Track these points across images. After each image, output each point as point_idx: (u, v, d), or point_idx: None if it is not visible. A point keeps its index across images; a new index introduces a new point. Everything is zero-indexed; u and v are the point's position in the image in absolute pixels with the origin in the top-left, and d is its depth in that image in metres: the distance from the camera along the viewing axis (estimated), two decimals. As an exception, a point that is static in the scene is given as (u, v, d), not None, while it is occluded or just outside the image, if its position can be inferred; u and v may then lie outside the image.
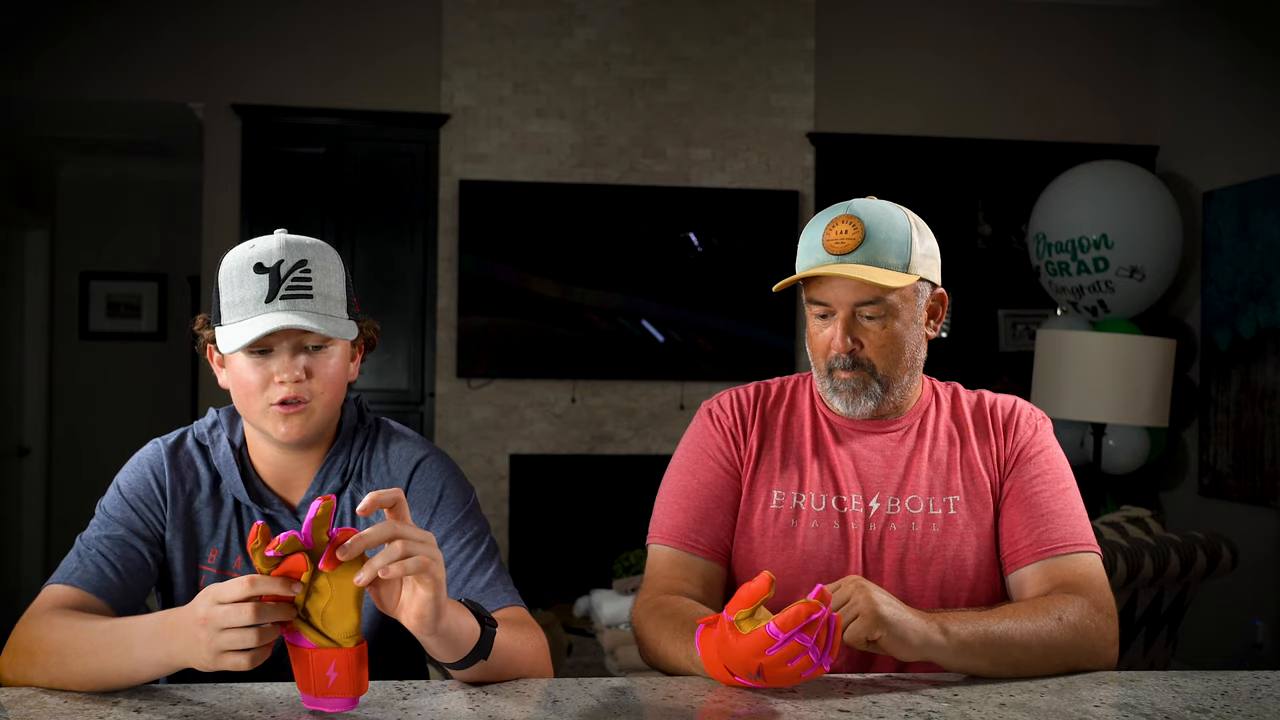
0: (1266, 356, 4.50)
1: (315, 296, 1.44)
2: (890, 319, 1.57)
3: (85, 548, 1.46)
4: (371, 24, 4.89)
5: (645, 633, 1.56)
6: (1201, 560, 3.00)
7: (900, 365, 1.60)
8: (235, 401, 1.50)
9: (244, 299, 1.43)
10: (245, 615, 1.13)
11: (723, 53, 5.06)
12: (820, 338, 1.61)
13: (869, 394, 1.59)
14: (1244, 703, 1.34)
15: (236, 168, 4.80)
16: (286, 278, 1.43)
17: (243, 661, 1.16)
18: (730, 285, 4.97)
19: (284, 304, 1.42)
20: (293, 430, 1.46)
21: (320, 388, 1.47)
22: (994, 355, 5.17)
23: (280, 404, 1.45)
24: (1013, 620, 1.42)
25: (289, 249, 1.45)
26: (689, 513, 1.63)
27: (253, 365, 1.45)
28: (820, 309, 1.59)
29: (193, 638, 1.18)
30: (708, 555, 1.62)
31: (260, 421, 1.47)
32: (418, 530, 1.19)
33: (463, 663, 1.29)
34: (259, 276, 1.43)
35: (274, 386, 1.45)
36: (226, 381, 1.51)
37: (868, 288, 1.54)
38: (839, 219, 1.56)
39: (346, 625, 1.17)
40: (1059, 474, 1.62)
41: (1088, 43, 5.27)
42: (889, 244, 1.54)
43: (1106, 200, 4.62)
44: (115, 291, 6.24)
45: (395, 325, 4.84)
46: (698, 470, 1.66)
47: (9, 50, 4.68)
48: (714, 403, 1.71)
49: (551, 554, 4.94)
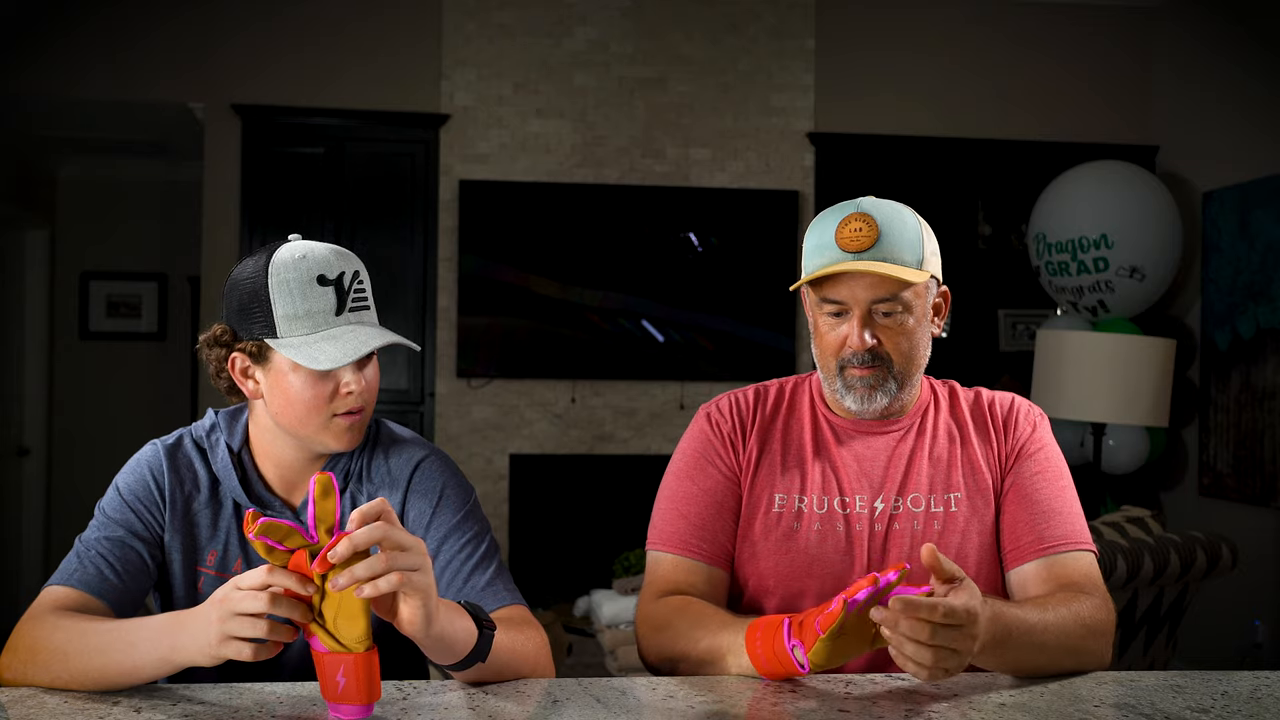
0: (1266, 356, 4.50)
1: (370, 307, 1.48)
2: (906, 315, 1.56)
3: (84, 549, 1.46)
4: (371, 24, 4.90)
5: (651, 630, 1.55)
6: (1201, 560, 3.00)
7: (915, 362, 1.60)
8: (285, 416, 1.47)
9: (310, 311, 1.42)
10: (260, 602, 1.14)
11: (723, 53, 5.06)
12: (832, 336, 1.59)
13: (884, 390, 1.58)
14: (1244, 703, 1.34)
15: (236, 168, 4.80)
16: (350, 290, 1.45)
17: (245, 651, 1.16)
18: (730, 285, 4.97)
19: (354, 317, 1.45)
20: (354, 439, 1.50)
21: (373, 396, 1.51)
22: (994, 355, 5.17)
23: (345, 415, 1.47)
24: (1038, 619, 1.41)
25: (343, 259, 1.46)
26: (689, 519, 1.62)
27: (318, 379, 1.44)
28: (834, 307, 1.57)
29: (204, 622, 1.18)
30: (710, 561, 1.61)
31: (318, 434, 1.47)
32: (406, 535, 1.17)
33: (460, 665, 1.29)
34: (324, 289, 1.43)
35: (339, 399, 1.46)
36: (255, 393, 1.49)
37: (886, 285, 1.53)
38: (851, 216, 1.55)
39: (355, 631, 1.16)
40: (1058, 471, 1.63)
41: (1088, 43, 5.27)
42: (903, 241, 1.54)
43: (1106, 200, 4.62)
44: (115, 291, 6.24)
45: (395, 325, 4.84)
46: (697, 476, 1.65)
47: (9, 50, 4.68)
48: (712, 407, 1.70)
49: (551, 554, 4.94)
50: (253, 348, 1.46)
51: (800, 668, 1.33)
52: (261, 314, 1.43)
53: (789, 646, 1.33)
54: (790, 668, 1.34)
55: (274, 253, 1.45)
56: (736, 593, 1.64)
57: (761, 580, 1.61)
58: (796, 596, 1.58)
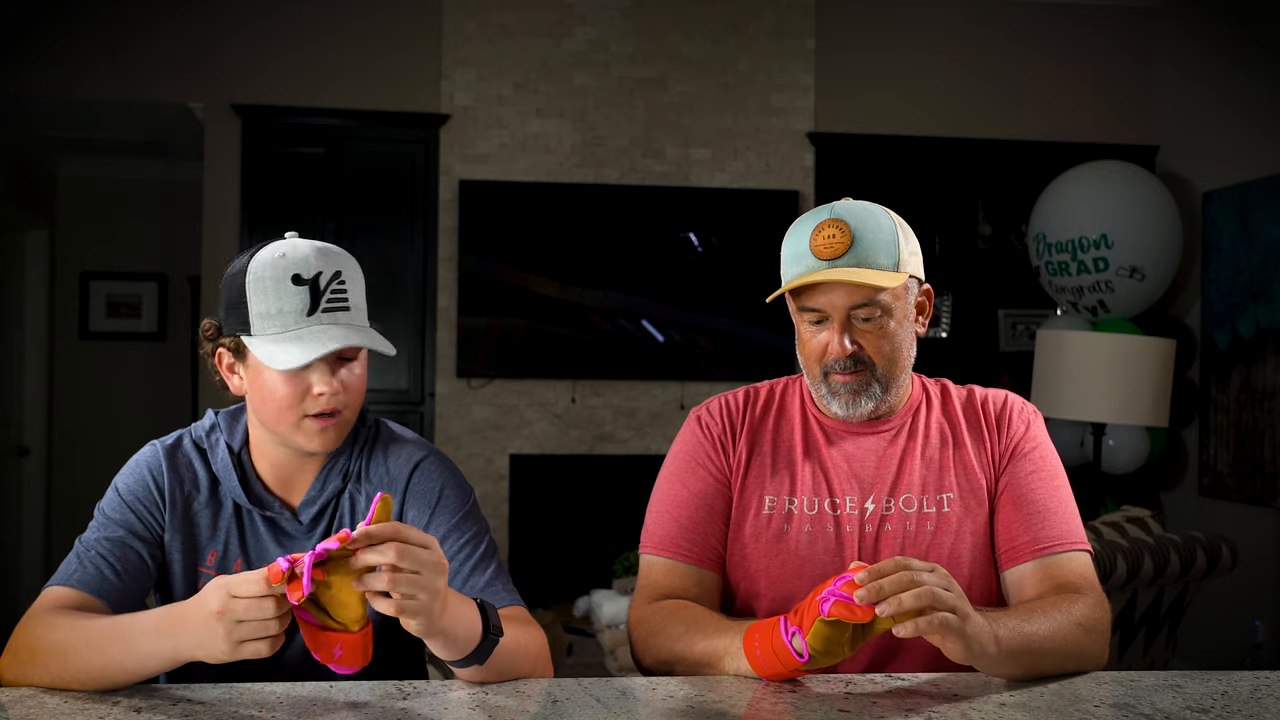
0: (1266, 356, 4.50)
1: (351, 309, 1.46)
2: (885, 318, 1.56)
3: (84, 549, 1.46)
4: (371, 24, 4.90)
5: (646, 634, 1.55)
6: (1201, 560, 3.00)
7: (898, 364, 1.59)
8: (262, 413, 1.48)
9: (282, 310, 1.42)
10: (267, 609, 1.16)
11: (723, 53, 5.06)
12: (814, 343, 1.59)
13: (869, 395, 1.58)
14: (1244, 703, 1.34)
15: (236, 168, 4.80)
16: (326, 290, 1.43)
17: (263, 649, 1.18)
18: (730, 285, 4.97)
19: (327, 318, 1.43)
20: (329, 441, 1.48)
21: (352, 398, 1.49)
22: (994, 355, 5.17)
23: (316, 416, 1.45)
24: (1043, 627, 1.41)
25: (324, 258, 1.44)
26: (680, 522, 1.62)
27: (288, 378, 1.44)
28: (813, 315, 1.57)
29: (208, 631, 1.19)
30: (701, 564, 1.61)
31: (292, 434, 1.47)
32: (417, 533, 1.20)
33: (461, 662, 1.30)
34: (298, 289, 1.42)
35: (310, 399, 1.45)
36: (240, 388, 1.50)
37: (862, 290, 1.53)
38: (824, 224, 1.54)
39: (352, 614, 1.20)
40: (1053, 470, 1.62)
41: (1088, 43, 5.27)
42: (877, 244, 1.53)
43: (1106, 200, 4.62)
44: (115, 291, 6.24)
45: (395, 325, 4.84)
46: (687, 479, 1.65)
47: (9, 50, 4.68)
48: (702, 409, 1.70)
49: (551, 554, 4.94)
50: (233, 344, 1.47)
51: (799, 658, 1.32)
52: (241, 311, 1.45)
53: (787, 638, 1.32)
54: (790, 662, 1.33)
55: (260, 249, 1.46)
56: (729, 596, 1.64)
57: (752, 583, 1.60)
58: (786, 599, 1.58)
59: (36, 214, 5.92)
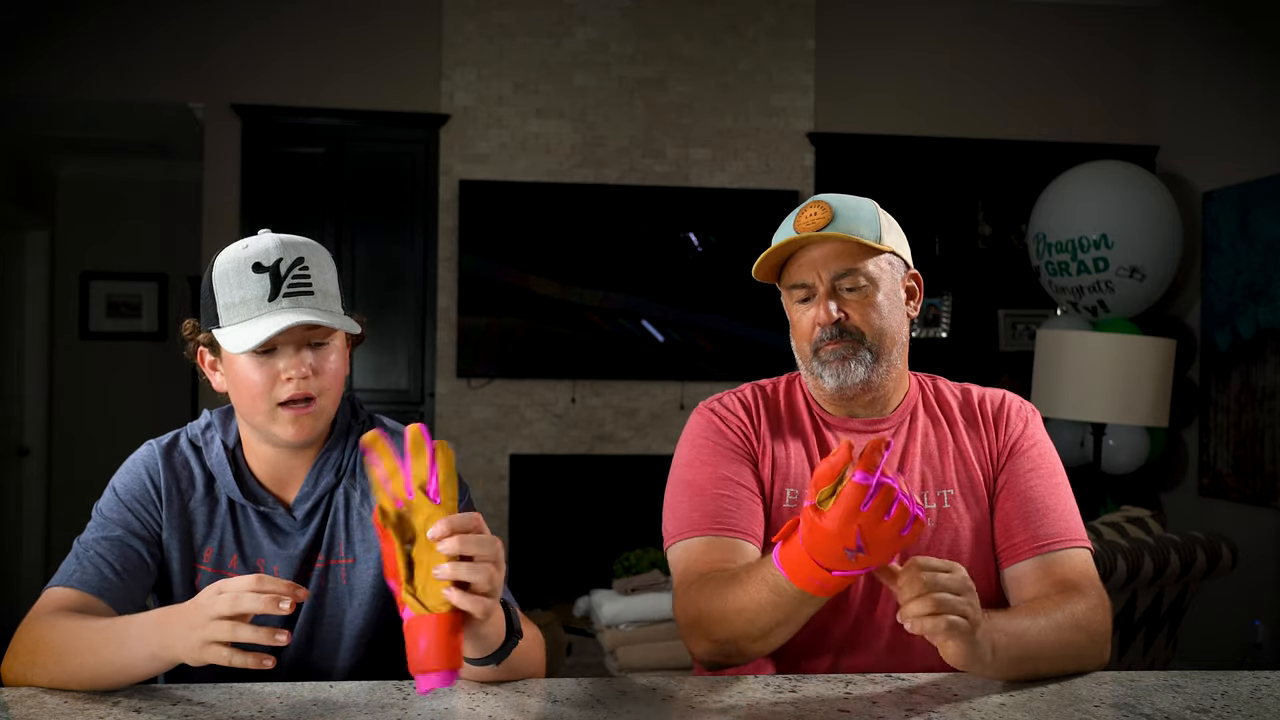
0: (1266, 356, 4.50)
1: (316, 293, 1.45)
2: (871, 289, 1.57)
3: (83, 550, 1.46)
4: (371, 24, 4.89)
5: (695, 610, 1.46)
6: (1201, 560, 3.00)
7: (887, 335, 1.58)
8: (238, 405, 1.49)
9: (245, 299, 1.43)
10: (241, 603, 1.16)
11: (723, 53, 5.06)
12: (804, 321, 1.60)
13: (859, 360, 1.56)
14: (1244, 703, 1.34)
15: (236, 168, 4.80)
16: (287, 275, 1.43)
17: (224, 655, 1.17)
18: (730, 285, 4.97)
19: (288, 302, 1.42)
20: (303, 431, 1.46)
21: (327, 384, 1.47)
22: (994, 355, 5.17)
23: (289, 405, 1.44)
24: (1041, 632, 1.40)
25: (285, 247, 1.45)
26: (717, 501, 1.55)
27: (257, 365, 1.44)
28: (801, 291, 1.59)
29: (188, 624, 1.20)
30: (742, 535, 1.54)
31: (267, 424, 1.46)
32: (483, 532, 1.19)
33: (480, 661, 1.28)
34: (259, 276, 1.42)
35: (281, 385, 1.44)
36: (222, 385, 1.51)
37: (845, 256, 1.55)
38: (808, 205, 1.60)
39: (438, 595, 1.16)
40: (1052, 468, 1.62)
41: (1087, 43, 5.27)
42: (858, 219, 1.57)
43: (1106, 200, 4.62)
44: (115, 291, 6.24)
45: (395, 325, 4.84)
46: (711, 460, 1.59)
47: (9, 50, 4.68)
48: (714, 403, 1.67)
49: (551, 554, 4.94)
50: (207, 339, 1.49)
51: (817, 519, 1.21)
52: (211, 306, 1.46)
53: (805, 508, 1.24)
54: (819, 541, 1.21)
55: (228, 247, 1.48)
56: None
57: None
58: None
59: (36, 214, 5.92)
